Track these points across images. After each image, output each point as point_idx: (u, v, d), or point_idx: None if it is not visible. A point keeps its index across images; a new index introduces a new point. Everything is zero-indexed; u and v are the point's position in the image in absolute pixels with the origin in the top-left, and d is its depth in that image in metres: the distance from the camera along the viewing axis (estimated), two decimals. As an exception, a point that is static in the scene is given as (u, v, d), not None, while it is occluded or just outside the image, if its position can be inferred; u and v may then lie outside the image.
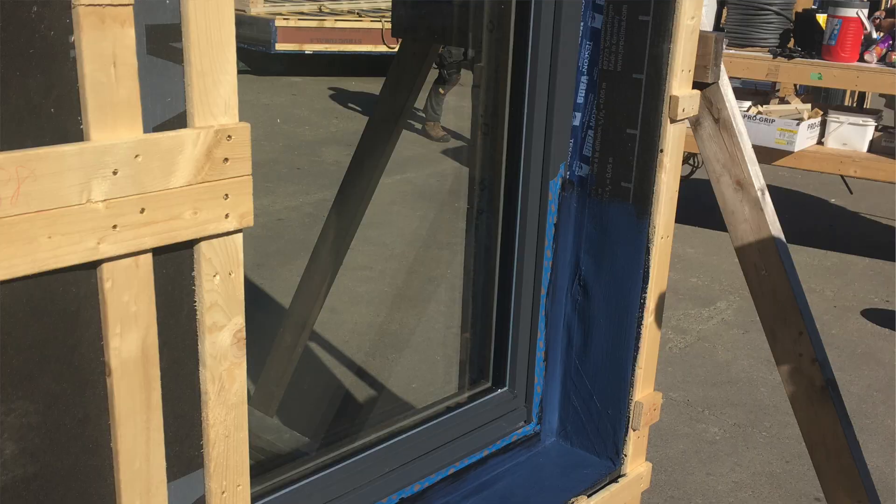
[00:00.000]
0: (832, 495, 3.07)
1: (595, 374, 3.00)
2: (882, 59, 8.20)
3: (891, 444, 5.81)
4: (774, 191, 9.12)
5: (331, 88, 15.08)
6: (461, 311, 3.20)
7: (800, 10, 8.75)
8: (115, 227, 1.54)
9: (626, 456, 3.00)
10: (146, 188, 1.56)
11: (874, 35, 8.22)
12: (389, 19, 4.43)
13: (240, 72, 1.66)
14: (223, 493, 1.85)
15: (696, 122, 3.01)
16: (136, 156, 1.54)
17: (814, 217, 10.30)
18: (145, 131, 1.56)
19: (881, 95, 10.82)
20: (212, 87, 1.64)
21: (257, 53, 14.97)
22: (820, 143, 8.69)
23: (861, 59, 8.23)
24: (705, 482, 5.36)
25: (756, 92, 9.56)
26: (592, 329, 2.98)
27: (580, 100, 2.86)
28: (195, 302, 1.72)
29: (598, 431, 3.03)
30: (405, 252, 7.89)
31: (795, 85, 9.55)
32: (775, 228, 3.01)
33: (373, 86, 13.36)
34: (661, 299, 2.93)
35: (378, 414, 4.73)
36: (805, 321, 2.99)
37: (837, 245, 9.34)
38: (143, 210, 1.57)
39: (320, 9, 15.85)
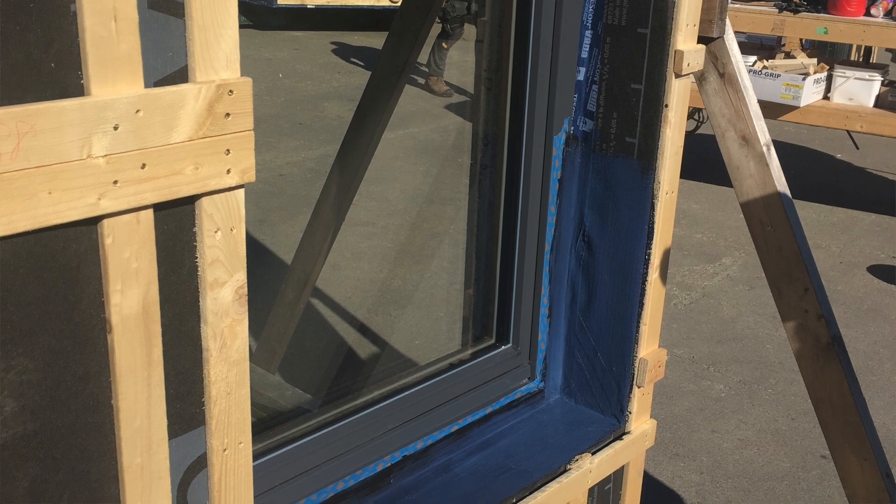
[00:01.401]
0: (838, 452, 3.07)
1: (599, 331, 2.99)
2: (888, 14, 8.15)
3: (896, 401, 5.82)
4: (780, 146, 9.09)
5: (333, 43, 15.04)
6: (464, 267, 3.20)
7: (806, -37, 8.70)
8: (115, 182, 1.52)
9: (630, 413, 2.99)
10: (147, 143, 1.55)
11: (881, -11, 8.18)
12: (392, -27, 4.39)
13: (241, 26, 1.65)
14: (225, 450, 1.84)
15: (701, 77, 2.99)
16: (137, 111, 1.53)
17: (819, 172, 10.28)
18: (146, 86, 1.55)
19: (887, 50, 10.79)
20: (213, 42, 1.62)
21: (259, 8, 14.93)
22: (826, 98, 8.67)
23: (867, 14, 8.19)
24: (710, 439, 5.36)
25: (761, 46, 9.53)
26: (597, 285, 2.97)
27: (584, 54, 2.84)
28: (196, 258, 1.71)
29: (602, 388, 3.02)
30: (408, 208, 7.88)
31: (801, 39, 9.51)
32: (781, 184, 3.00)
33: (375, 40, 13.31)
34: (666, 255, 2.92)
35: (380, 371, 4.73)
36: (811, 277, 2.98)
37: (843, 201, 9.32)
38: (143, 165, 1.55)
39: (323, -38, 15.78)
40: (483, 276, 3.10)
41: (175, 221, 1.66)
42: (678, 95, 2.74)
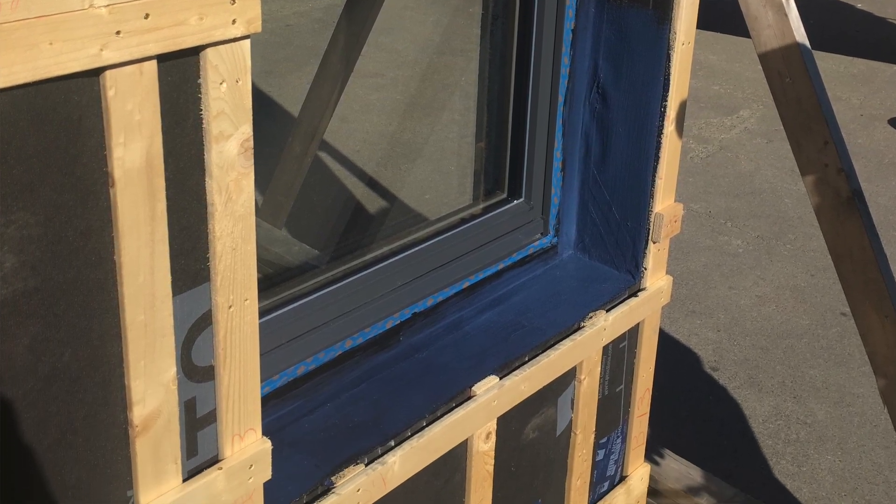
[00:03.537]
0: (858, 309, 3.05)
1: (614, 185, 2.96)
2: None
3: (918, 256, 5.80)
4: (796, -4, 8.91)
5: None
6: (476, 119, 3.17)
7: None
8: (118, 33, 1.50)
9: (645, 269, 2.98)
10: (150, -8, 1.53)
11: None
12: None
13: None
14: (230, 307, 1.84)
15: (720, -76, 2.91)
16: (140, -42, 1.50)
17: (839, 22, 10.15)
18: (148, -67, 1.52)
19: None
20: None
21: None
22: (846, -55, 8.52)
23: None
24: (727, 296, 5.36)
25: None
26: (611, 138, 2.93)
27: None
28: (201, 110, 1.69)
29: (616, 244, 3.00)
30: (418, 59, 7.78)
31: None
32: (800, 34, 2.94)
33: None
34: (682, 107, 2.89)
35: (390, 226, 4.70)
36: (830, 130, 2.94)
37: (864, 51, 9.22)
38: (147, 15, 1.53)
39: None
40: (495, 129, 3.07)
41: (179, 73, 1.64)
42: (696, -57, 2.69)
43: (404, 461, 2.38)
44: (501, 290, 2.94)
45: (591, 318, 2.85)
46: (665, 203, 2.95)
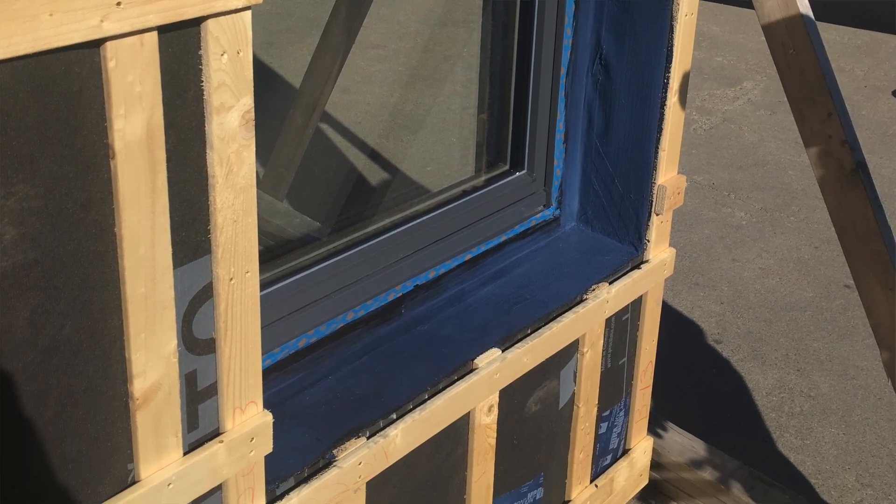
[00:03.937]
0: (862, 281, 3.04)
1: (617, 157, 2.95)
2: None
3: (920, 229, 5.79)
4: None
5: None
6: (478, 91, 3.16)
7: None
8: (119, 4, 1.49)
9: (648, 241, 2.97)
10: (151, -38, 1.52)
11: None
12: None
13: None
14: (231, 279, 1.83)
15: None
16: (140, -72, 1.49)
17: (843, -7, 10.12)
18: None
19: None
20: None
21: None
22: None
23: None
24: (731, 268, 5.35)
25: None
26: (614, 110, 2.93)
27: None
28: (202, 82, 1.68)
29: (619, 216, 2.99)
30: (420, 30, 7.76)
31: None
32: (803, 5, 2.92)
33: None
34: (685, 79, 2.88)
35: (391, 198, 4.68)
36: (834, 101, 2.92)
37: (868, 22, 9.18)
38: None
39: None
40: (497, 101, 3.06)
41: (180, 44, 1.64)
42: (699, -88, 2.68)
43: (406, 434, 2.38)
44: (503, 263, 2.94)
45: (593, 290, 2.85)
46: (668, 175, 2.94)
